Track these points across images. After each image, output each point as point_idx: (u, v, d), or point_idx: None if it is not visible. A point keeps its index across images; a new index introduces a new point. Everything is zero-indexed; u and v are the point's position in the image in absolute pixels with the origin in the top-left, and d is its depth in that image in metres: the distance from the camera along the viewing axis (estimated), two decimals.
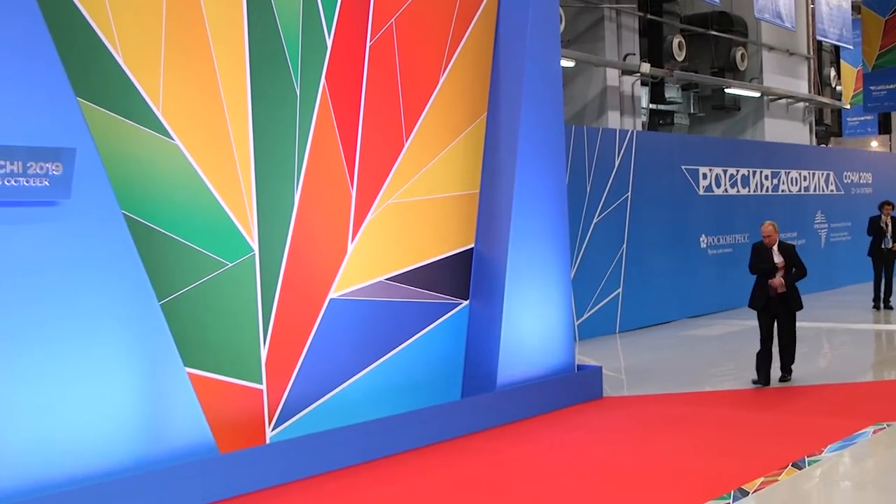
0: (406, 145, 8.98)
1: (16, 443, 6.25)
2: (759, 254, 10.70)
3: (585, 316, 14.86)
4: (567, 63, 17.49)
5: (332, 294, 8.34)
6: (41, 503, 6.21)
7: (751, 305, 10.92)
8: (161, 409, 6.98)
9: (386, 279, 8.79)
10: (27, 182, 6.17)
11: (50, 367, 6.40)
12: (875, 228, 16.99)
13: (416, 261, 9.06)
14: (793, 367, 10.96)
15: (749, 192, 19.22)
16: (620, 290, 15.67)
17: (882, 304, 17.31)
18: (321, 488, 7.38)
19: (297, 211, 8.11)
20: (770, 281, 10.52)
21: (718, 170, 18.38)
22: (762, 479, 7.05)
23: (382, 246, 8.76)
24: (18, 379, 6.26)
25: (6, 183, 6.06)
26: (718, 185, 18.39)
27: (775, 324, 10.75)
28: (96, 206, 6.63)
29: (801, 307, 10.78)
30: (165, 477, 6.83)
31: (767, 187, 19.79)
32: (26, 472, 6.29)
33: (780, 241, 10.69)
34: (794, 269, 10.57)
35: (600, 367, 10.66)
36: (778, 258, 10.56)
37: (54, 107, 6.42)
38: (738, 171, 18.92)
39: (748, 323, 15.54)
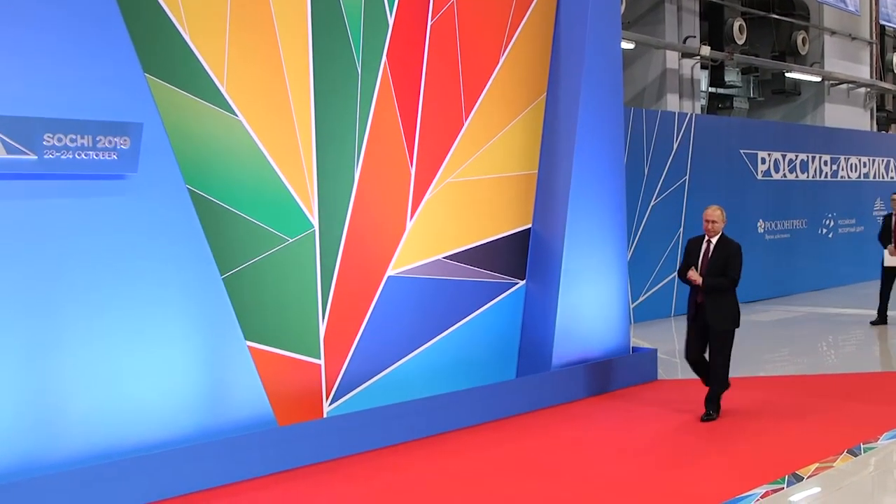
0: (465, 125, 9.01)
1: (82, 411, 6.40)
2: (690, 250, 8.66)
3: (641, 299, 14.83)
4: (627, 45, 17.37)
5: (391, 271, 8.41)
6: (106, 470, 6.36)
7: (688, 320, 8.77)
8: (222, 381, 7.10)
9: (444, 257, 8.84)
10: (97, 156, 6.30)
11: (116, 337, 6.55)
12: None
13: (473, 240, 9.10)
14: (719, 405, 8.61)
15: (808, 177, 19.02)
16: (676, 273, 15.56)
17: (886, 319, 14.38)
18: (376, 463, 7.45)
19: (357, 188, 8.18)
20: (689, 273, 8.49)
21: (777, 154, 18.21)
22: (817, 464, 7.02)
23: (440, 224, 8.81)
24: (87, 348, 6.41)
25: (77, 157, 6.19)
26: (777, 170, 18.22)
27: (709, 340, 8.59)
28: (162, 181, 6.75)
29: (726, 325, 8.42)
30: (225, 448, 6.96)
31: (826, 173, 19.56)
32: (92, 440, 6.45)
33: (723, 238, 8.53)
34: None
35: (655, 350, 10.65)
36: (710, 256, 8.46)
37: (123, 82, 6.54)
38: (796, 157, 18.73)
39: (804, 309, 15.44)
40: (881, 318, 14.17)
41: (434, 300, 8.75)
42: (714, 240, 8.50)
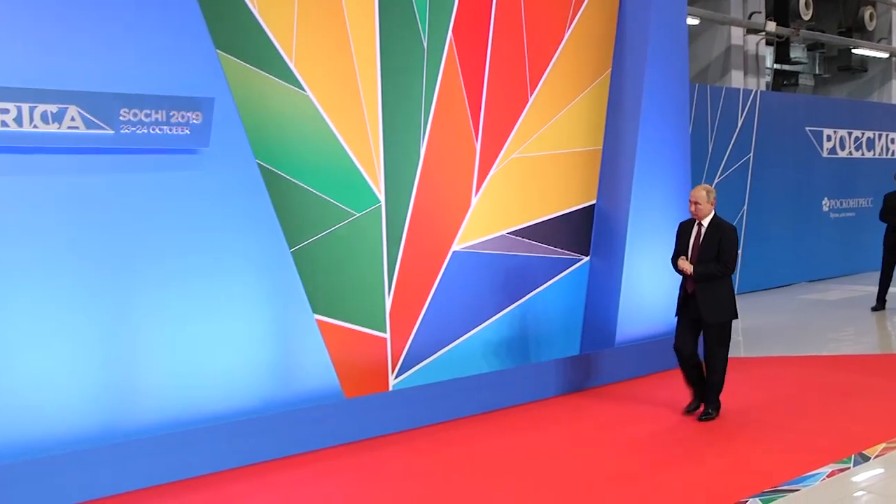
0: (530, 100, 9.01)
1: (156, 381, 6.55)
2: (680, 235, 7.91)
3: None
4: (692, 21, 17.21)
5: (456, 246, 8.46)
6: (179, 438, 6.50)
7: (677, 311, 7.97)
8: (291, 353, 7.21)
9: (508, 233, 8.87)
10: (170, 130, 6.40)
11: (188, 310, 6.68)
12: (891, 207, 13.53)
13: (538, 215, 9.11)
14: (718, 402, 7.92)
15: (874, 155, 18.74)
16: (740, 251, 15.48)
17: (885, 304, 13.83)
18: (440, 437, 7.52)
19: (423, 163, 8.22)
20: (679, 262, 7.75)
21: (843, 132, 17.96)
22: (884, 444, 6.94)
23: (505, 200, 8.83)
24: (160, 320, 6.55)
25: (151, 131, 6.30)
26: (843, 148, 17.97)
27: (701, 333, 7.89)
28: (233, 155, 6.84)
29: (720, 317, 7.63)
30: (293, 419, 7.07)
31: (893, 151, 19.26)
32: (166, 410, 6.59)
33: (715, 220, 7.69)
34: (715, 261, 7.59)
35: None
36: (700, 239, 7.68)
37: (195, 58, 6.64)
38: (863, 134, 18.45)
39: (869, 289, 15.24)
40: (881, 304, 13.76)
41: (498, 275, 8.78)
42: (705, 222, 7.66)
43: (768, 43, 20.82)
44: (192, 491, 6.29)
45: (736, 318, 7.74)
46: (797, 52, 21.73)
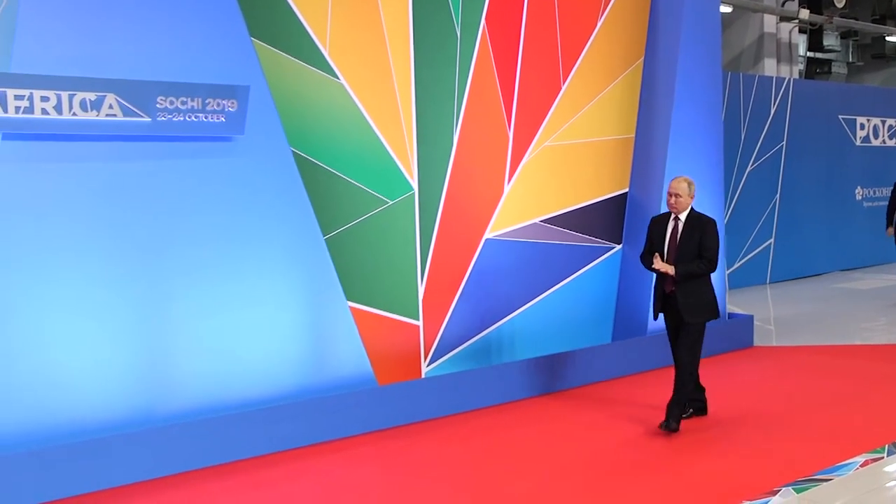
0: (563, 88, 9.00)
1: (191, 367, 6.61)
2: (653, 231, 7.28)
3: (736, 265, 14.71)
4: (725, 8, 17.11)
5: (488, 234, 8.47)
6: (213, 424, 6.56)
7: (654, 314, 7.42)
8: (324, 340, 7.25)
9: (541, 221, 8.87)
10: (206, 118, 6.45)
11: (223, 297, 6.74)
12: None
13: (570, 204, 9.10)
14: (685, 413, 7.39)
15: None
16: (772, 240, 15.43)
17: None
18: (472, 424, 7.55)
19: (456, 151, 8.23)
20: (654, 261, 7.11)
21: (877, 120, 17.82)
22: None
23: (538, 188, 8.83)
24: (195, 307, 6.61)
25: (188, 119, 6.35)
26: (876, 136, 17.84)
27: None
28: (267, 143, 6.88)
29: (703, 317, 7.14)
30: (327, 405, 7.11)
31: None
32: (200, 396, 6.66)
33: (693, 213, 7.17)
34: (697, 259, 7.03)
35: (751, 316, 10.57)
36: (678, 235, 7.09)
37: (231, 46, 6.68)
38: None
39: None
40: None
41: (531, 263, 8.79)
42: (683, 216, 7.10)
43: (801, 31, 20.68)
44: (227, 476, 6.34)
45: (718, 317, 7.31)
46: (830, 40, 21.57)
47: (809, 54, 21.85)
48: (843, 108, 17.07)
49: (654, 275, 7.29)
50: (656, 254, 7.09)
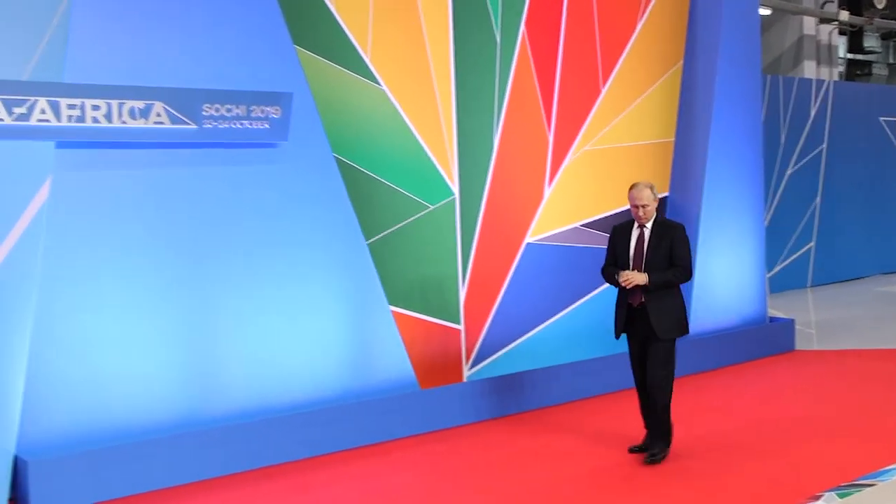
0: (603, 92, 9.02)
1: (236, 370, 6.69)
2: (615, 242, 6.66)
3: (777, 269, 14.64)
4: (764, 11, 17.04)
5: (529, 238, 8.50)
6: (259, 427, 6.65)
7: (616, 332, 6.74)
8: (367, 344, 7.31)
9: (581, 225, 8.89)
10: (251, 125, 6.54)
11: (267, 301, 6.82)
12: None
13: (610, 208, 9.11)
14: (669, 437, 6.68)
15: None
16: (813, 243, 15.35)
17: None
18: (513, 428, 7.57)
19: (496, 156, 8.27)
20: (620, 273, 6.45)
21: None
22: None
23: (578, 192, 8.85)
24: (240, 311, 6.70)
25: (233, 126, 6.44)
26: None
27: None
28: (311, 149, 6.97)
29: (672, 333, 6.48)
30: (369, 409, 7.18)
31: None
32: (246, 400, 6.74)
33: (659, 219, 6.58)
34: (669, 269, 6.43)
35: (792, 320, 10.53)
36: (645, 244, 6.48)
37: (274, 54, 6.77)
38: None
39: None
40: None
41: (571, 268, 8.80)
42: (649, 224, 6.50)
43: (841, 32, 20.53)
44: (271, 479, 6.42)
45: (688, 332, 6.64)
46: (870, 42, 21.39)
47: (849, 56, 21.68)
48: (883, 110, 16.96)
49: (618, 289, 6.63)
50: (620, 265, 6.55)
